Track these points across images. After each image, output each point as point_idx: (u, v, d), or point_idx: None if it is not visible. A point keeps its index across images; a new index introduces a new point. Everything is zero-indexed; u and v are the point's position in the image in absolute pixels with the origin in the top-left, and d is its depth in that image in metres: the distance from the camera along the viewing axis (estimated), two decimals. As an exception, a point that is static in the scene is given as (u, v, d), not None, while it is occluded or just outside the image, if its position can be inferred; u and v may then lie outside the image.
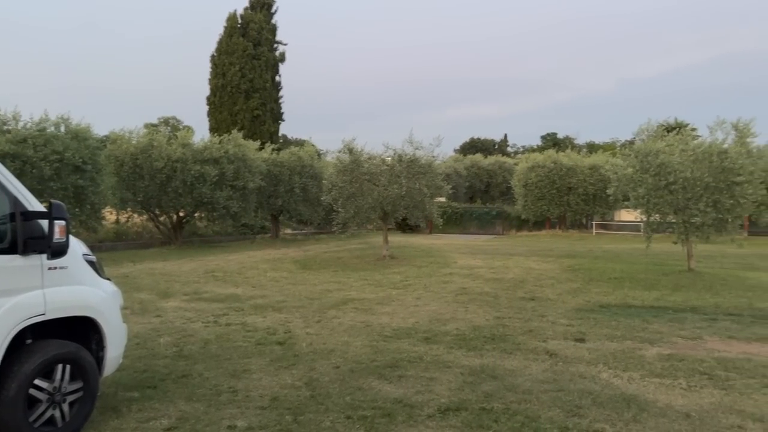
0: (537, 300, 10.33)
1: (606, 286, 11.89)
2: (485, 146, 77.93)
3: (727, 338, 7.49)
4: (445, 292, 11.28)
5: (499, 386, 5.54)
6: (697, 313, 9.07)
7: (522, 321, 8.52)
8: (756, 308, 9.48)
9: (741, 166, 12.56)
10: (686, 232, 13.25)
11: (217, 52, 35.93)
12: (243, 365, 6.31)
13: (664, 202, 13.09)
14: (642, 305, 9.81)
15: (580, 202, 30.99)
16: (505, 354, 6.72)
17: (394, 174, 16.60)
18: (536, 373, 5.98)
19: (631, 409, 4.90)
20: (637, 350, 6.82)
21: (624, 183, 13.85)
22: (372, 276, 13.57)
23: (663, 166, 12.87)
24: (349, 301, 10.28)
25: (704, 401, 5.10)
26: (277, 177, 24.51)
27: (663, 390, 5.41)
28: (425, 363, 6.36)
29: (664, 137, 13.65)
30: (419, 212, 17.25)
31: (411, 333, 7.78)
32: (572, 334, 7.65)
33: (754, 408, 4.91)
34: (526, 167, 32.11)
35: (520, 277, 13.36)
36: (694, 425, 4.57)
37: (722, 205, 12.74)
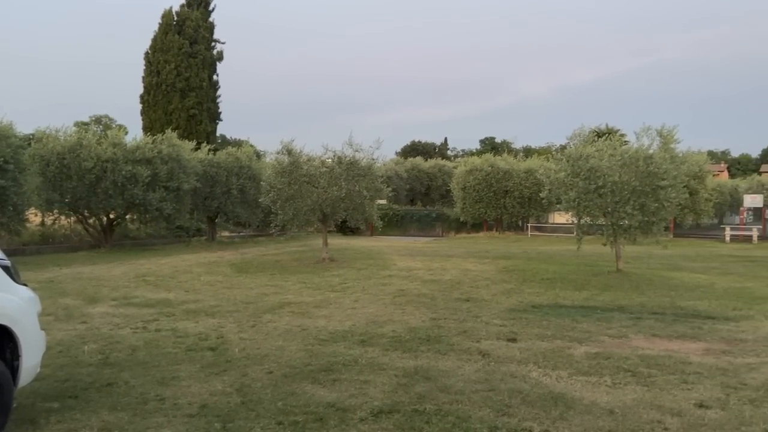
0: (472, 301, 10.49)
1: (539, 286, 12.20)
2: (426, 149, 78.87)
3: (651, 336, 7.80)
4: (383, 294, 11.30)
5: (432, 387, 5.58)
6: (623, 312, 9.42)
7: (457, 322, 8.62)
8: (678, 307, 9.92)
9: (665, 170, 13.13)
10: (615, 234, 13.76)
11: (151, 49, 34.88)
12: (172, 372, 6.11)
13: (594, 205, 13.55)
14: (572, 305, 10.11)
15: (516, 205, 31.75)
16: (439, 355, 6.78)
17: (334, 176, 16.54)
18: (469, 373, 6.05)
19: (558, 407, 5.02)
20: (566, 349, 7.01)
21: (556, 186, 14.26)
22: (310, 279, 13.45)
23: (593, 170, 13.33)
24: (285, 304, 10.14)
25: (627, 398, 5.28)
26: (214, 178, 23.96)
27: (589, 387, 5.57)
28: (360, 366, 6.33)
29: (594, 143, 14.13)
30: (359, 214, 17.23)
31: (347, 336, 7.74)
32: (505, 334, 7.80)
33: (673, 403, 5.12)
34: (464, 171, 32.66)
35: (457, 278, 13.54)
36: (617, 421, 4.73)
37: (648, 208, 13.29)
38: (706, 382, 5.70)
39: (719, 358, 6.62)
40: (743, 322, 8.60)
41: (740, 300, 10.46)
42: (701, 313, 9.37)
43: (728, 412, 4.89)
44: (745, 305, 9.94)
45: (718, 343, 7.35)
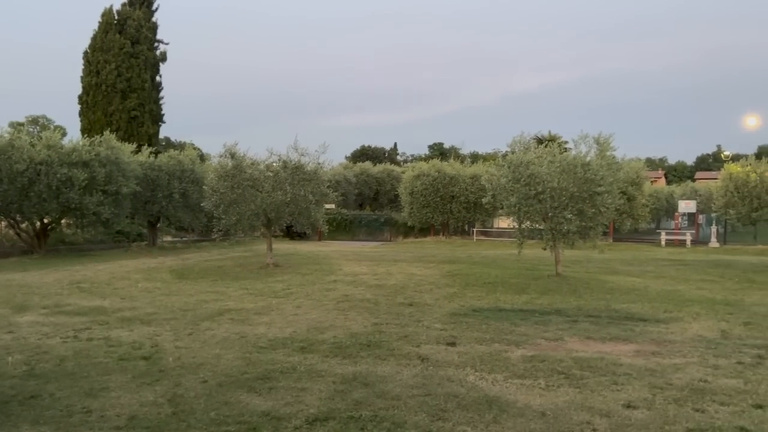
0: (415, 305, 10.54)
1: (480, 290, 12.37)
2: (376, 154, 79.12)
3: (585, 338, 8.01)
4: (327, 299, 11.22)
5: (370, 393, 5.56)
6: (561, 315, 9.64)
7: (399, 327, 8.64)
8: (612, 309, 10.23)
9: (602, 177, 13.54)
10: (554, 239, 14.10)
11: (90, 48, 33.74)
12: (101, 383, 5.89)
13: (534, 211, 13.86)
14: (512, 308, 10.29)
15: (462, 210, 32.17)
16: (379, 360, 6.77)
17: (279, 180, 16.36)
18: (407, 378, 6.06)
19: (492, 411, 5.08)
20: (504, 352, 7.12)
21: (499, 192, 14.50)
22: (253, 285, 13.24)
23: (533, 176, 13.62)
24: (225, 311, 9.95)
25: (559, 400, 5.40)
26: (155, 182, 23.33)
27: (523, 390, 5.67)
28: (298, 373, 6.26)
29: (534, 149, 14.46)
30: (305, 219, 17.08)
31: (287, 343, 7.65)
32: (445, 338, 7.86)
33: (603, 404, 5.26)
34: (412, 176, 32.89)
35: (401, 283, 13.58)
36: (548, 423, 4.82)
37: (585, 213, 13.68)
38: (635, 382, 5.88)
39: (648, 359, 6.85)
40: (673, 324, 8.94)
41: (671, 302, 10.87)
42: (634, 315, 9.69)
43: (654, 411, 5.06)
44: (676, 307, 10.33)
45: (648, 345, 7.60)
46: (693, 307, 10.41)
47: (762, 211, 26.54)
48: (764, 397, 5.42)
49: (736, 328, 8.61)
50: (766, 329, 8.56)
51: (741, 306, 10.59)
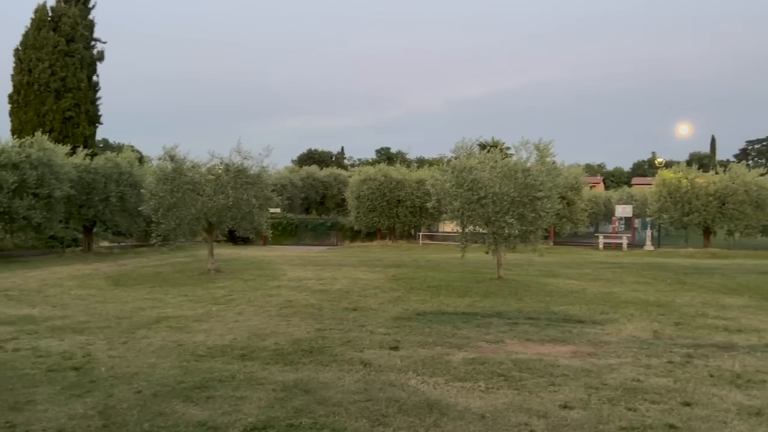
0: (359, 310, 10.50)
1: (425, 294, 12.45)
2: (323, 158, 78.76)
3: (525, 340, 8.16)
4: (269, 305, 11.05)
5: (310, 400, 5.49)
6: (501, 318, 9.79)
7: (342, 332, 8.58)
8: (552, 312, 10.47)
9: (542, 182, 13.87)
10: (496, 243, 14.34)
11: (22, 46, 32.15)
12: (27, 396, 5.60)
13: (477, 215, 14.06)
14: (455, 312, 10.39)
15: (408, 214, 32.34)
16: (321, 366, 6.70)
17: (221, 184, 16.03)
18: (349, 384, 6.02)
19: (432, 414, 5.09)
20: (446, 355, 7.17)
21: (443, 197, 14.65)
22: (193, 291, 12.91)
23: (475, 181, 13.83)
24: (163, 319, 9.65)
25: (499, 402, 5.46)
26: (91, 185, 22.42)
27: (464, 393, 5.71)
28: (237, 381, 6.12)
29: (476, 155, 14.68)
30: (248, 224, 16.78)
31: (226, 350, 7.47)
32: (388, 342, 7.85)
33: (540, 405, 5.35)
34: (358, 180, 32.86)
35: (346, 287, 13.52)
36: (487, 426, 4.87)
37: (526, 218, 13.97)
38: (572, 383, 6.02)
39: (585, 360, 7.03)
40: (608, 325, 9.21)
41: (607, 304, 11.21)
42: (572, 317, 9.94)
43: (589, 411, 5.18)
44: (611, 309, 10.66)
45: (585, 346, 7.80)
46: (628, 308, 10.76)
47: (692, 215, 27.78)
48: (692, 394, 5.63)
49: (668, 329, 8.95)
50: (695, 329, 8.93)
51: (672, 307, 11.02)
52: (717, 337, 8.38)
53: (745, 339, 8.23)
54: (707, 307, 10.97)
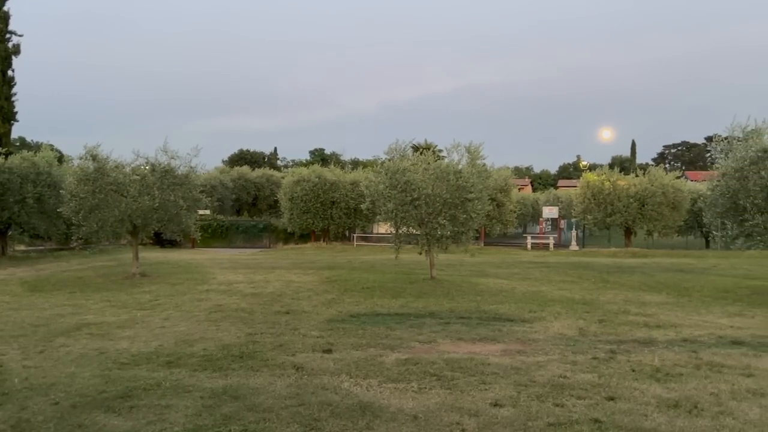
0: (292, 313, 10.35)
1: (359, 295, 12.41)
2: (255, 158, 77.41)
3: (457, 340, 8.25)
4: (198, 310, 10.72)
5: (240, 407, 5.33)
6: (434, 318, 9.88)
7: (274, 336, 8.42)
8: (482, 311, 10.65)
9: (472, 184, 14.13)
10: (429, 244, 14.49)
11: (-72, 36, 30.03)
12: (-72, 413, 5.17)
13: (410, 216, 14.18)
14: (388, 313, 10.40)
15: (342, 216, 32.26)
16: (251, 372, 6.53)
17: (146, 185, 15.44)
18: (280, 389, 5.89)
19: (365, 417, 5.05)
20: (379, 357, 7.15)
21: (377, 198, 14.68)
22: (117, 296, 12.37)
23: (409, 183, 13.93)
24: (83, 326, 9.18)
25: (431, 402, 5.48)
26: (5, 185, 21.05)
27: (397, 394, 5.70)
28: (163, 389, 5.88)
29: (409, 157, 14.81)
30: (175, 226, 16.24)
31: (152, 358, 7.18)
32: (321, 345, 7.76)
33: (471, 404, 5.40)
34: (292, 181, 32.51)
35: (279, 290, 13.31)
36: (420, 426, 4.87)
37: (458, 219, 14.20)
38: (502, 381, 6.12)
39: (514, 357, 7.17)
40: (536, 323, 9.45)
41: (535, 303, 11.52)
42: (502, 316, 10.15)
43: (518, 409, 5.28)
44: (539, 307, 10.96)
45: (514, 344, 7.97)
46: (555, 306, 11.09)
47: (615, 216, 29.05)
48: (615, 389, 5.84)
49: (592, 326, 9.27)
50: (618, 326, 9.29)
51: (596, 304, 11.45)
52: (638, 333, 8.75)
53: (663, 334, 8.62)
54: (629, 305, 11.46)
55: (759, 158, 12.42)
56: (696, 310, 10.85)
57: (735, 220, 13.13)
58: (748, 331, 8.86)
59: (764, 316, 10.22)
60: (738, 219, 13.01)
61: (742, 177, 12.65)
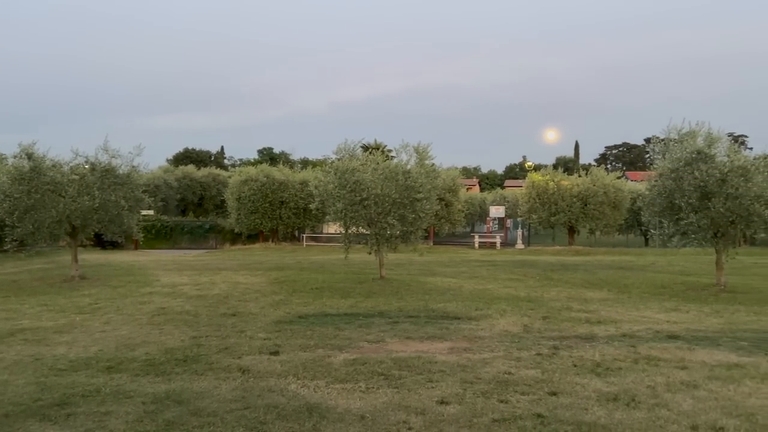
0: (239, 315, 10.19)
1: (307, 296, 12.33)
2: (201, 157, 75.87)
3: (405, 339, 8.30)
4: (140, 313, 10.43)
5: (184, 412, 5.22)
6: (383, 317, 9.91)
7: (219, 339, 8.27)
8: (430, 309, 10.75)
9: (421, 184, 14.25)
10: (378, 243, 14.53)
11: None
12: None
13: (360, 216, 14.18)
14: (337, 313, 10.37)
15: (291, 216, 31.98)
16: (195, 376, 6.40)
17: (86, 184, 14.92)
18: (225, 392, 5.79)
19: (312, 418, 5.02)
20: (327, 358, 7.12)
21: (326, 198, 14.62)
22: (54, 300, 11.90)
23: (358, 183, 13.93)
24: (18, 331, 8.80)
25: (378, 401, 5.49)
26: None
27: (344, 395, 5.69)
28: (102, 396, 5.70)
29: (359, 157, 14.81)
30: (116, 227, 15.75)
31: (91, 363, 6.94)
32: (268, 347, 7.67)
33: (419, 402, 5.44)
34: (239, 180, 32.01)
35: (225, 292, 13.08)
36: (367, 426, 4.87)
37: (406, 218, 14.29)
38: (448, 379, 6.19)
39: (461, 355, 7.27)
40: (483, 321, 9.61)
41: (482, 301, 11.71)
42: (449, 314, 10.28)
43: (464, 406, 5.35)
44: (485, 305, 11.14)
45: (461, 342, 8.08)
46: (500, 304, 11.30)
47: (558, 215, 29.82)
48: (558, 384, 5.99)
49: (536, 322, 9.49)
50: (561, 322, 9.54)
51: (541, 302, 11.72)
52: (580, 329, 9.00)
53: (604, 330, 8.91)
54: (572, 301, 11.78)
55: (693, 159, 12.96)
56: (635, 306, 11.25)
57: (671, 219, 13.65)
58: (682, 326, 9.25)
59: (698, 311, 10.69)
60: (674, 218, 13.53)
61: (678, 177, 13.17)
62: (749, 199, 12.37)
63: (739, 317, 10.07)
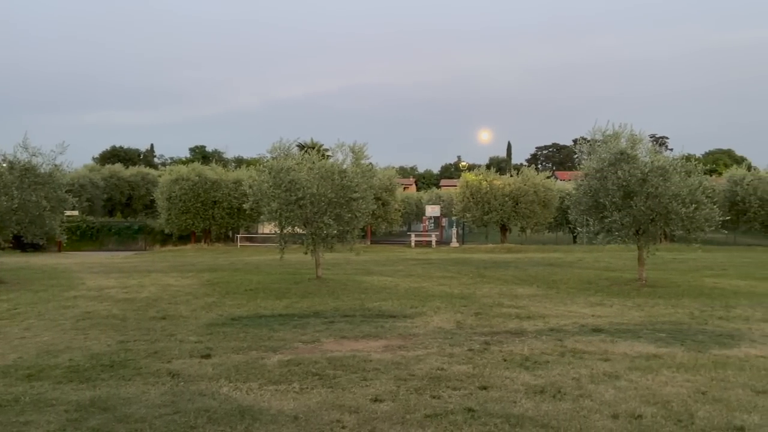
0: (169, 318, 9.91)
1: (241, 298, 12.13)
2: (129, 156, 73.27)
3: (341, 338, 8.30)
4: (63, 318, 9.98)
5: (110, 419, 5.04)
6: (319, 317, 9.88)
7: (148, 343, 8.03)
8: (366, 308, 10.80)
9: (357, 183, 14.27)
10: (314, 243, 14.45)
11: None
12: None
13: (295, 216, 14.06)
14: (272, 314, 10.26)
15: (225, 216, 31.39)
16: (123, 381, 6.18)
17: (4, 184, 14.14)
18: (154, 397, 5.63)
19: (244, 421, 4.95)
20: (260, 359, 7.03)
21: (260, 197, 14.42)
22: (-32, 306, 11.21)
23: (293, 182, 13.81)
24: (-74, 340, 8.23)
25: (312, 401, 5.48)
26: None
27: (278, 396, 5.64)
28: (22, 405, 5.43)
29: (294, 156, 14.68)
30: (37, 228, 15.01)
31: (9, 371, 6.59)
32: (199, 350, 7.50)
33: (353, 401, 5.46)
34: (170, 179, 31.15)
35: (155, 295, 12.70)
36: (300, 426, 4.85)
37: (343, 218, 14.28)
38: (383, 376, 6.24)
39: (395, 353, 7.34)
40: (417, 318, 9.73)
41: (417, 299, 11.86)
42: (385, 312, 10.35)
43: (397, 402, 5.41)
44: (420, 303, 11.29)
45: (395, 339, 8.15)
46: (435, 301, 11.48)
47: (491, 214, 30.53)
48: (488, 378, 6.15)
49: (469, 319, 9.69)
50: (492, 318, 9.79)
51: (473, 298, 11.98)
52: (510, 324, 9.26)
53: (533, 325, 9.20)
54: (503, 297, 12.10)
55: (616, 160, 13.56)
56: (562, 301, 11.67)
57: (596, 217, 14.24)
58: (606, 319, 9.67)
59: (621, 305, 11.19)
60: (599, 216, 14.12)
61: (602, 177, 13.76)
62: (668, 198, 13.05)
63: (659, 310, 10.61)
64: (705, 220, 13.18)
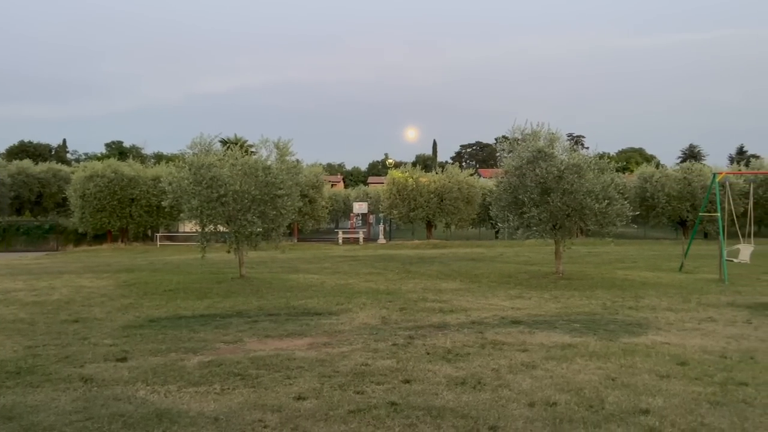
0: (82, 321, 9.45)
1: (160, 299, 11.72)
2: (39, 151, 69.22)
3: (264, 337, 8.18)
4: (-37, 324, 9.31)
5: (15, 428, 4.75)
6: (242, 317, 9.69)
7: (59, 347, 7.62)
8: (291, 307, 10.69)
9: (282, 180, 14.08)
10: (238, 242, 14.16)
11: None
12: None
13: (217, 214, 13.72)
14: (192, 315, 9.97)
15: (143, 214, 30.25)
16: (30, 388, 5.84)
17: None
18: (65, 404, 5.35)
19: (162, 424, 4.80)
20: (180, 361, 6.82)
21: (180, 195, 13.96)
22: None
23: (215, 179, 13.47)
24: None
25: (234, 402, 5.37)
26: None
27: (197, 398, 5.49)
28: None
29: (216, 152, 14.31)
30: (-66, 228, 13.92)
31: None
32: (114, 354, 7.19)
33: (275, 400, 5.40)
34: (83, 176, 29.67)
35: (67, 297, 12.07)
36: (221, 428, 4.75)
37: (268, 215, 14.06)
38: (306, 374, 6.20)
39: (320, 350, 7.31)
40: (343, 315, 9.73)
41: (343, 295, 11.85)
42: (311, 310, 10.29)
43: (321, 399, 5.39)
44: (346, 300, 11.30)
45: (321, 337, 8.12)
46: (361, 298, 11.52)
47: (417, 211, 30.95)
48: (411, 372, 6.23)
49: (394, 314, 9.79)
50: (417, 312, 9.93)
51: (399, 294, 12.10)
52: (434, 318, 9.43)
53: (455, 318, 9.40)
54: (427, 292, 12.30)
55: (534, 158, 14.05)
56: (484, 295, 11.99)
57: (516, 213, 14.71)
58: (525, 311, 10.02)
59: (539, 297, 11.62)
60: (518, 212, 14.60)
61: (521, 174, 14.22)
62: (582, 194, 13.65)
63: (574, 301, 11.10)
64: (617, 215, 13.86)
